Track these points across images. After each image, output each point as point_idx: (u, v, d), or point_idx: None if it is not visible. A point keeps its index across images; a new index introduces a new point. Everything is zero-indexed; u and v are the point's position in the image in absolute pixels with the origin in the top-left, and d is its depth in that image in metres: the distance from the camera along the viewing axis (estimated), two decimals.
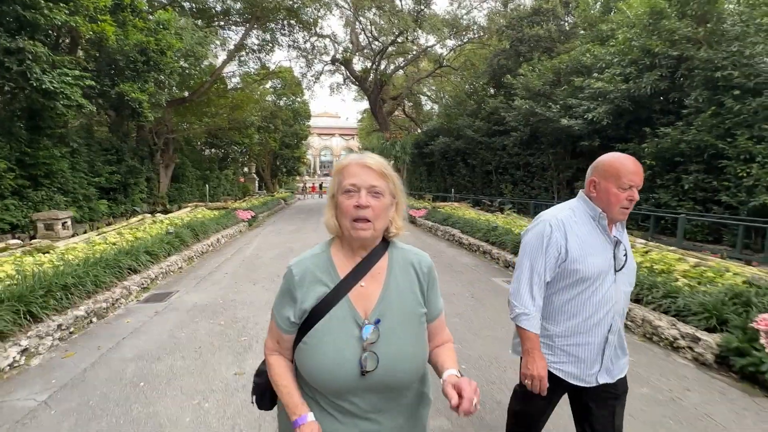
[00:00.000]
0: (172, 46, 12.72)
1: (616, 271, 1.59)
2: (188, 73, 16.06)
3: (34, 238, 8.64)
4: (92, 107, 10.55)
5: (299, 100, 32.32)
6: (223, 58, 20.62)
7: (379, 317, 1.08)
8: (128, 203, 14.89)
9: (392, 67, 26.03)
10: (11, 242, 5.93)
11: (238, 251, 9.20)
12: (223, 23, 20.14)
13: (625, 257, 1.60)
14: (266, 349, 1.20)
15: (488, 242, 8.91)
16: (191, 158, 22.96)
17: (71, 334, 4.18)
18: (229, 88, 22.37)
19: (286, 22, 19.88)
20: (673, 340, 3.88)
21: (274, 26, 20.03)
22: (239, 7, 18.93)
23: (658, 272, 4.96)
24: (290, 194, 32.74)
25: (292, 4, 17.84)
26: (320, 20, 21.05)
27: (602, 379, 1.61)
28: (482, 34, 22.47)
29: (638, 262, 5.36)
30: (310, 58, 22.83)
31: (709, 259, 5.53)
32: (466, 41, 23.54)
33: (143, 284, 5.89)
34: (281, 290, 1.15)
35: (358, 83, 25.92)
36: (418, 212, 14.84)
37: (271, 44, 20.71)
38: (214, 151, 27.18)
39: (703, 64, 8.81)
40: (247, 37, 19.96)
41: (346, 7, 21.74)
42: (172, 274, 6.86)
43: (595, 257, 1.56)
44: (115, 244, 6.47)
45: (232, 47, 20.40)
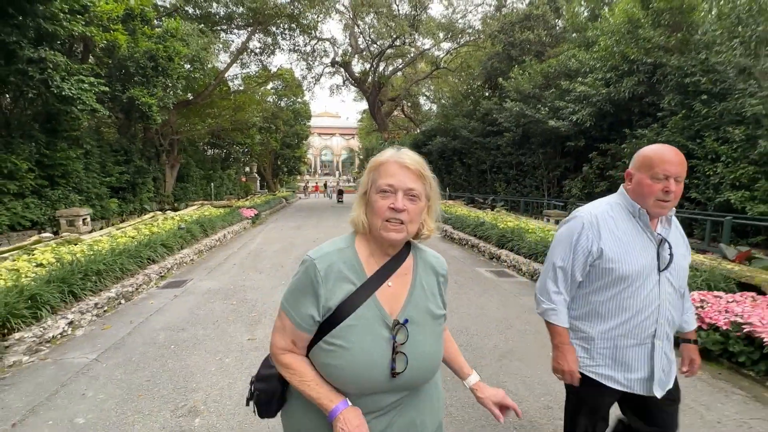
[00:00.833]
0: (179, 52, 13.40)
1: (660, 270, 1.49)
2: (194, 77, 16.76)
3: (57, 233, 9.33)
4: (105, 111, 11.24)
5: (300, 100, 32.97)
6: (226, 60, 21.34)
7: (407, 318, 1.07)
8: (136, 202, 15.58)
9: (390, 68, 26.72)
10: (44, 235, 6.63)
11: (243, 246, 9.90)
12: (225, 27, 20.82)
13: (670, 256, 1.49)
14: (275, 348, 1.11)
15: (476, 236, 9.60)
16: (195, 158, 23.62)
17: (105, 312, 4.88)
18: (231, 90, 23.04)
19: (287, 26, 20.57)
20: None
21: (275, 30, 20.72)
22: (241, 11, 19.62)
23: None
24: (291, 193, 33.44)
25: (292, 10, 18.48)
26: (320, 24, 21.80)
27: (655, 390, 1.52)
28: (477, 37, 23.14)
29: None
30: (310, 60, 23.55)
31: None
32: (462, 44, 24.21)
33: (161, 273, 6.59)
34: (300, 285, 1.07)
35: (357, 85, 26.61)
36: None
37: (272, 47, 21.41)
38: (216, 151, 27.86)
39: (674, 70, 9.49)
40: (249, 40, 20.64)
41: (345, 12, 22.37)
42: (185, 265, 7.56)
43: (633, 256, 1.48)
44: (134, 237, 7.16)
45: (234, 50, 21.11)
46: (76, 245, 6.07)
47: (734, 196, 8.36)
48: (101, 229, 9.27)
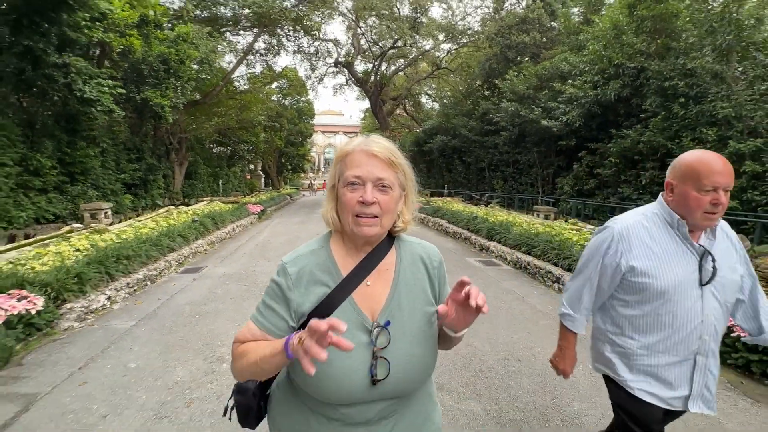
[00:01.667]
0: (190, 55, 14.13)
1: (702, 284, 1.41)
2: (202, 77, 17.49)
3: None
4: (121, 112, 11.96)
5: (304, 99, 33.67)
6: (232, 61, 22.06)
7: (389, 319, 0.99)
8: (148, 198, 16.34)
9: (392, 68, 27.37)
10: (75, 226, 7.36)
11: (251, 238, 10.61)
12: (231, 29, 21.53)
13: (713, 269, 1.40)
14: (234, 342, 1.05)
15: (468, 230, 10.28)
16: (202, 156, 24.40)
17: (135, 291, 5.59)
18: (237, 90, 23.77)
19: (291, 29, 21.26)
20: None
21: (280, 32, 21.43)
22: (247, 12, 20.32)
23: None
24: (295, 190, 34.19)
25: (297, 13, 19.15)
26: (323, 26, 22.51)
27: (697, 407, 1.46)
28: (477, 38, 23.75)
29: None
30: (314, 61, 24.26)
31: None
32: (462, 45, 24.83)
33: (179, 260, 7.31)
34: (271, 293, 1.02)
35: (359, 85, 27.27)
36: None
37: (277, 48, 22.12)
38: (222, 149, 28.62)
39: (655, 74, 10.11)
40: (255, 42, 21.35)
41: (348, 14, 23.02)
42: (199, 254, 8.28)
43: (669, 269, 1.41)
44: (153, 228, 7.87)
45: (239, 50, 21.80)
46: (104, 234, 6.78)
47: None
48: (120, 222, 10.01)
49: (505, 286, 6.02)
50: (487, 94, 22.17)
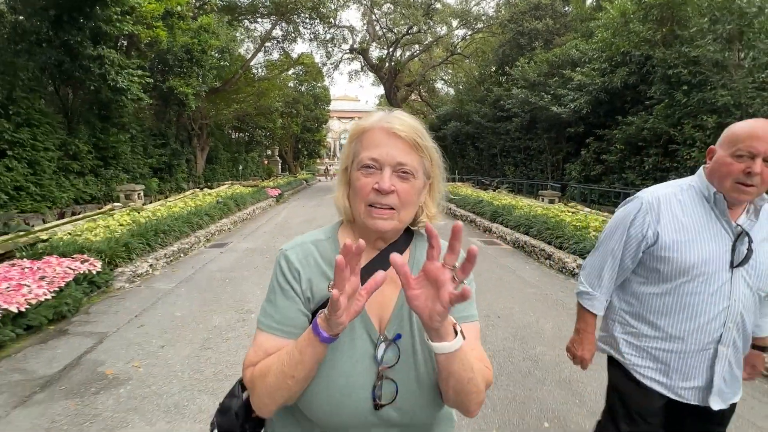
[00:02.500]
0: (212, 45, 14.80)
1: (733, 266, 1.27)
2: (222, 65, 18.20)
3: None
4: (149, 100, 12.76)
5: (320, 85, 34.16)
6: (250, 48, 22.68)
7: (398, 331, 0.81)
8: (173, 181, 17.27)
9: (407, 54, 27.62)
10: (116, 204, 8.22)
11: (270, 219, 11.38)
12: (249, 17, 22.11)
13: (749, 251, 1.26)
14: (245, 364, 0.84)
15: (474, 213, 10.83)
16: (222, 142, 25.30)
17: (171, 261, 6.37)
18: (255, 77, 24.45)
19: (307, 15, 21.71)
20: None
21: (296, 19, 21.91)
22: (264, 0, 20.85)
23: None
24: (312, 176, 35.01)
25: (313, 1, 19.57)
26: (339, 12, 22.89)
27: (713, 403, 1.33)
28: (491, 23, 23.81)
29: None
30: (330, 47, 24.70)
31: None
32: (476, 30, 24.91)
33: (207, 237, 8.09)
34: (277, 287, 0.85)
35: (374, 71, 27.64)
36: None
37: (294, 35, 22.63)
38: (240, 135, 29.49)
39: (660, 62, 10.34)
40: (272, 29, 21.90)
41: (363, 1, 23.32)
42: (224, 232, 9.07)
43: (698, 246, 1.28)
44: (183, 208, 8.67)
45: (257, 37, 22.38)
46: (141, 212, 7.59)
47: None
48: (150, 203, 10.87)
49: (501, 262, 6.62)
50: (501, 80, 22.36)
